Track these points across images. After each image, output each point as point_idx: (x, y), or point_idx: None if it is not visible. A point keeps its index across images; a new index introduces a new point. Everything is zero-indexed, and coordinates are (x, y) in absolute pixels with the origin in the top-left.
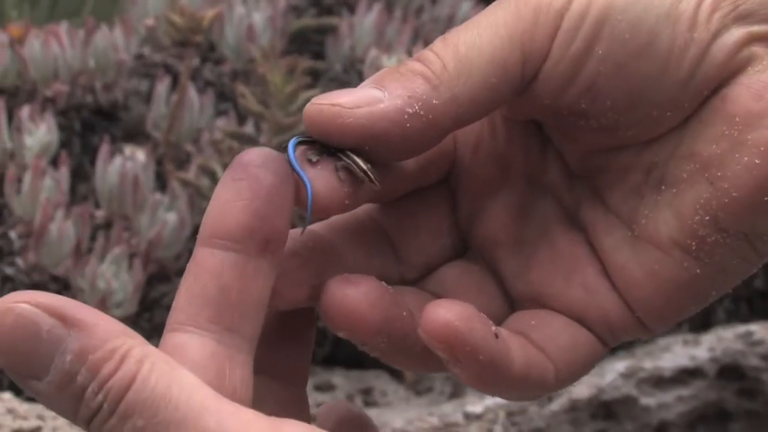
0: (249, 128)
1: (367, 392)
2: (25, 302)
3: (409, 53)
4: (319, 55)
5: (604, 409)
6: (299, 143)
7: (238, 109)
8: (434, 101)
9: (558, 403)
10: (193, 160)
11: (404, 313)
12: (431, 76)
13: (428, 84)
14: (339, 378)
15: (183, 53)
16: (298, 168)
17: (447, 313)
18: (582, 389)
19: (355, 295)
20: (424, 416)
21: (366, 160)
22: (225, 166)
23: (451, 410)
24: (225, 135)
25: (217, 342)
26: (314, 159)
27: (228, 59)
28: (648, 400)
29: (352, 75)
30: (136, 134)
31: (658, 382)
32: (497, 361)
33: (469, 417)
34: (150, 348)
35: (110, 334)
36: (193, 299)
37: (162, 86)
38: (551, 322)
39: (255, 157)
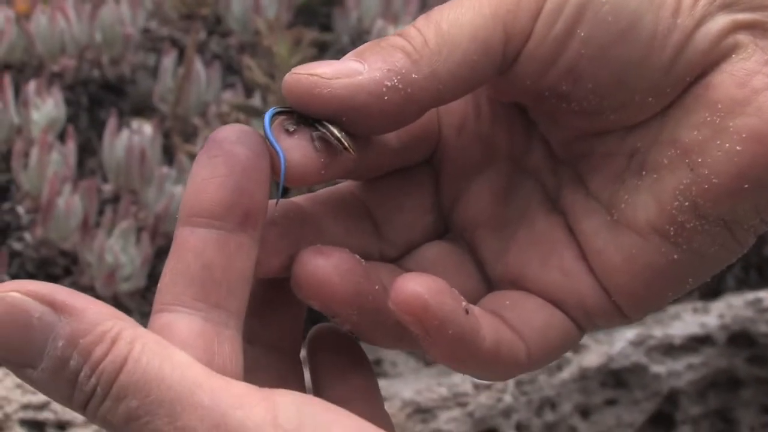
0: (256, 101)
1: (377, 363)
2: (14, 291)
3: None
4: (326, 27)
5: (614, 377)
6: (278, 113)
7: (244, 82)
8: (413, 75)
9: (568, 372)
10: (200, 134)
11: (377, 287)
12: (411, 51)
13: (408, 58)
14: None
15: (189, 26)
16: (271, 138)
17: (417, 286)
18: (592, 357)
19: (325, 266)
20: (434, 387)
21: (343, 131)
22: None
23: (460, 380)
24: (232, 108)
25: (204, 319)
26: (291, 129)
27: (234, 32)
28: (658, 368)
29: (359, 46)
30: (143, 108)
31: (668, 350)
32: (467, 336)
33: (479, 387)
34: (141, 329)
35: (100, 318)
36: (178, 278)
37: (169, 60)
38: (526, 303)
39: (229, 133)
